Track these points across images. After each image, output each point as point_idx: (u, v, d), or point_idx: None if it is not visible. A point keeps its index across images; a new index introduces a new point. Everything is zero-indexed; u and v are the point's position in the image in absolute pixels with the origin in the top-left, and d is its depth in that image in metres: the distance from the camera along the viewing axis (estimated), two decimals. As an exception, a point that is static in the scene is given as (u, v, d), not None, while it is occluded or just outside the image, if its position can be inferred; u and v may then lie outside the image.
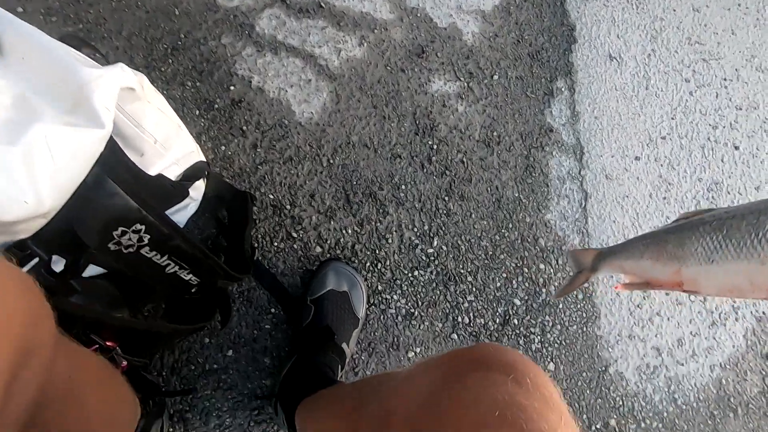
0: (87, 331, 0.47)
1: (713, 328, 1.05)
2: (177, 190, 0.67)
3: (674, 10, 1.30)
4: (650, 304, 1.01)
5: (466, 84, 1.04)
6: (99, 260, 0.49)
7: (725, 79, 1.26)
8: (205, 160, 0.74)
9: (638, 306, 1.01)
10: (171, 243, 0.55)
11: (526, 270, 0.97)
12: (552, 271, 0.99)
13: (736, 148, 1.20)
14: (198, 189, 0.75)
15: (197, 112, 0.86)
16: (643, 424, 0.93)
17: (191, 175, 0.71)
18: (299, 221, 0.86)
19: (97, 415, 0.43)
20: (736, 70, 1.28)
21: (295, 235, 0.85)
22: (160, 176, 0.61)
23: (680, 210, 1.11)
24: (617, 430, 0.91)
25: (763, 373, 1.10)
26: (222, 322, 0.76)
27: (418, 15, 1.08)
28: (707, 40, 1.29)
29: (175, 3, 0.94)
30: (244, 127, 0.87)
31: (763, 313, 1.13)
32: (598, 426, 0.91)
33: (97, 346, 0.47)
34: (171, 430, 0.73)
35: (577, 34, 1.17)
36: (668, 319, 1.02)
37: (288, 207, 0.86)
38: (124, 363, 0.52)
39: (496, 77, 1.06)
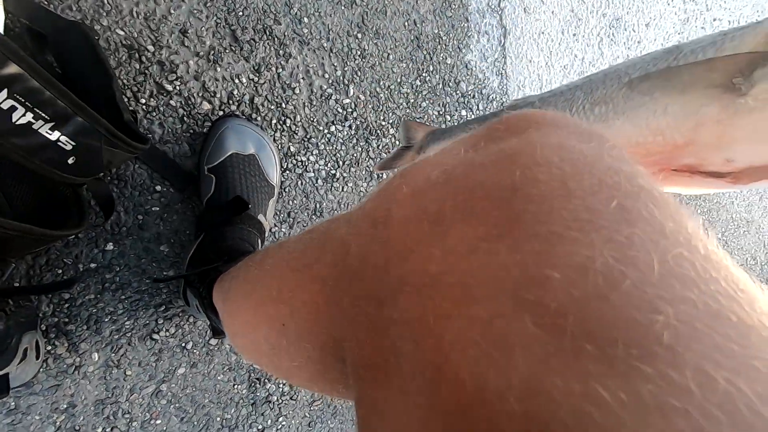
0: None
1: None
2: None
3: None
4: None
5: None
6: None
7: None
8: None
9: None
10: (7, 71, 0.34)
11: (448, 117, 0.90)
12: (473, 116, 0.93)
13: (636, -19, 1.19)
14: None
15: None
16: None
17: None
18: (172, 69, 0.64)
19: None
20: None
21: (169, 87, 0.64)
22: None
23: (586, 48, 1.10)
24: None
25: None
26: (105, 215, 0.56)
27: None
28: None
29: None
30: None
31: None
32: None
33: None
34: (51, 348, 0.58)
35: None
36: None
37: (150, 48, 0.62)
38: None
39: None
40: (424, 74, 0.87)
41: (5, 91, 0.37)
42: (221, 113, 0.67)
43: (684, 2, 1.33)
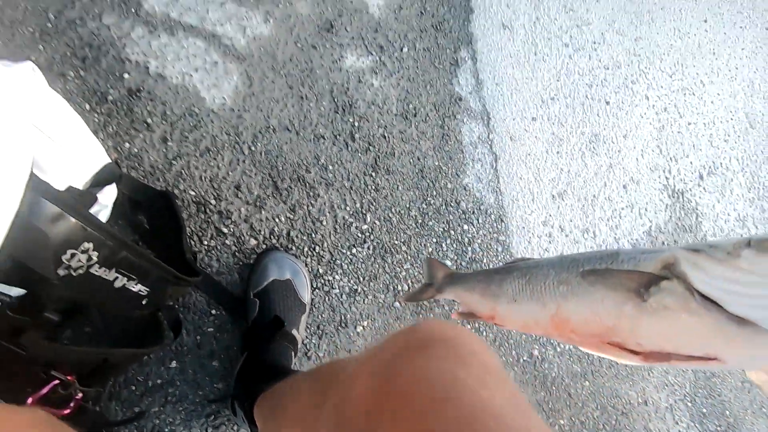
0: (47, 368, 0.42)
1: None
2: (84, 198, 0.60)
3: (550, -20, 1.43)
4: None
5: (378, 58, 1.05)
6: (53, 291, 0.44)
7: (594, 42, 1.43)
8: (112, 161, 0.66)
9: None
10: (119, 256, 0.50)
11: (452, 232, 1.05)
12: (475, 230, 1.08)
13: (608, 103, 1.39)
14: (107, 193, 0.67)
15: (88, 106, 0.75)
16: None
17: (102, 180, 0.63)
18: (227, 215, 0.82)
19: None
20: (602, 33, 1.46)
21: (225, 230, 0.81)
22: (70, 189, 0.54)
23: (571, 162, 1.27)
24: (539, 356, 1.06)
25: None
26: (174, 335, 0.71)
27: (321, -13, 1.04)
28: (578, 7, 1.44)
29: (32, -25, 0.79)
30: (149, 120, 0.78)
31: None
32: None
33: (58, 381, 0.42)
34: (120, 457, 0.68)
35: (473, 4, 1.23)
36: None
37: (213, 202, 0.81)
38: (79, 395, 0.47)
39: (405, 50, 1.08)
40: (428, 198, 1.03)
41: (115, 268, 0.53)
42: (264, 246, 0.84)
43: (657, 113, 1.52)
